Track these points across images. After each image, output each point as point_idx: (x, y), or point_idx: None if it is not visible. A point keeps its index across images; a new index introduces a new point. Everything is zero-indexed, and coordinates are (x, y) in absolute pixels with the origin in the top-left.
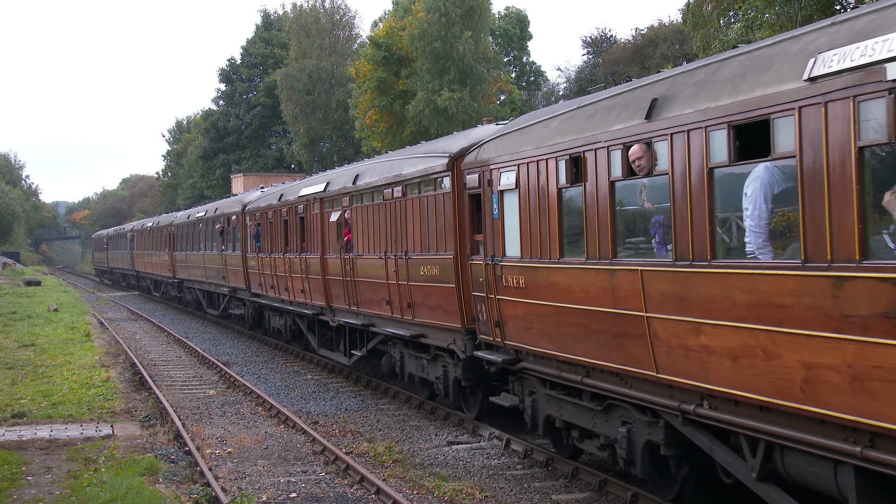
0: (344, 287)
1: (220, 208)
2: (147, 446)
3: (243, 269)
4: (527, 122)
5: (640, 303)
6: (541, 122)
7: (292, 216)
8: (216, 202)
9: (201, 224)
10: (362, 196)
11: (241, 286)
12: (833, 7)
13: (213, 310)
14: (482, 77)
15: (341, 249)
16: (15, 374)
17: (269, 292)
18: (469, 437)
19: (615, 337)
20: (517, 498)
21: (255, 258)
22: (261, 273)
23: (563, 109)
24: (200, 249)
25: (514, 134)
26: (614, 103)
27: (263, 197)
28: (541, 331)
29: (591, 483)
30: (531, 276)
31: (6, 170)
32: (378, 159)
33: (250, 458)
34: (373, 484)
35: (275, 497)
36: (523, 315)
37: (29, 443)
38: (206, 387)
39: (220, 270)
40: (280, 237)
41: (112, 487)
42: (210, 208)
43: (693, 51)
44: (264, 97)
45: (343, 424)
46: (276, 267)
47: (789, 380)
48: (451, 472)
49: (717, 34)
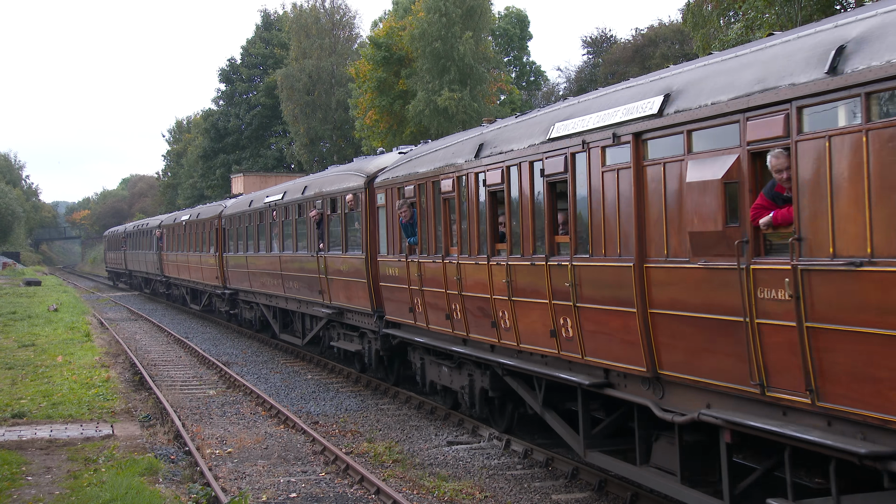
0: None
1: (317, 185)
2: (147, 446)
3: (368, 283)
4: (409, 158)
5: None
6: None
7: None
8: (301, 179)
9: (274, 213)
10: None
11: (362, 308)
12: (833, 7)
13: (293, 336)
14: (482, 77)
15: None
16: (15, 374)
17: (451, 328)
18: (469, 437)
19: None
20: (517, 498)
21: (399, 262)
22: (421, 291)
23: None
24: (272, 250)
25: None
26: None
27: (410, 160)
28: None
29: (591, 483)
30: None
31: (6, 170)
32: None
33: (250, 458)
34: (373, 484)
35: (275, 497)
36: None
37: (29, 443)
38: (206, 387)
39: (315, 281)
40: (469, 227)
41: (112, 487)
42: (295, 187)
43: (693, 51)
44: (264, 97)
45: (343, 424)
46: (470, 280)
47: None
48: (451, 472)
49: (717, 34)
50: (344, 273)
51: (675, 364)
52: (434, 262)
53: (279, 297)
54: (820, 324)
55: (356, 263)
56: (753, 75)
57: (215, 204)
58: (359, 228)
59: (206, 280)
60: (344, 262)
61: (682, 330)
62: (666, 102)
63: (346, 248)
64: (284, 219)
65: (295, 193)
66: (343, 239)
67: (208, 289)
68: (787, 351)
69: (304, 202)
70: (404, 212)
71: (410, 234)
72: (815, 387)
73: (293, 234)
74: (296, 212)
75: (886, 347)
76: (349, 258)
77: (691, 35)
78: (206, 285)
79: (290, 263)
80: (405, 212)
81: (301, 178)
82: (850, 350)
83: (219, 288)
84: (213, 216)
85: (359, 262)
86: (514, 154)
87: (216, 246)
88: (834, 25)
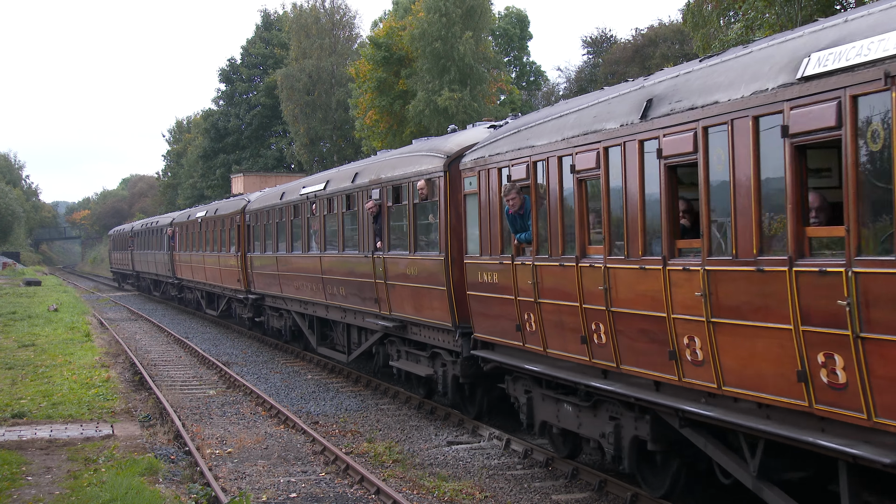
0: None
1: (373, 171)
2: (147, 446)
3: (448, 290)
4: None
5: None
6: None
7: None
8: (349, 165)
9: (314, 206)
10: None
11: (437, 322)
12: (833, 7)
13: (334, 350)
14: (482, 77)
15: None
16: (15, 374)
17: (588, 355)
18: (469, 437)
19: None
20: (517, 498)
21: (500, 266)
22: (536, 304)
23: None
24: (310, 250)
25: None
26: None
27: (516, 132)
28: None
29: (591, 483)
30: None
31: (6, 170)
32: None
33: (250, 458)
34: (373, 484)
35: (275, 497)
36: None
37: (29, 443)
38: (206, 387)
39: (370, 287)
40: (626, 217)
41: (112, 487)
42: (341, 175)
43: (693, 51)
44: (264, 97)
45: (343, 424)
46: (625, 291)
47: None
48: (451, 472)
49: (717, 34)
50: (411, 278)
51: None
52: (561, 265)
53: (318, 304)
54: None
55: (430, 267)
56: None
57: (237, 198)
58: (434, 223)
59: (226, 283)
60: (412, 265)
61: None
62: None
63: (415, 248)
64: (327, 213)
65: (342, 182)
66: (411, 236)
67: (227, 293)
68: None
69: (354, 192)
70: (513, 199)
71: (520, 229)
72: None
73: (339, 230)
74: (343, 204)
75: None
76: (420, 260)
77: (691, 35)
78: (225, 289)
79: (335, 265)
80: (514, 199)
81: (349, 165)
82: None
83: (240, 292)
84: (234, 212)
85: (434, 266)
86: (720, 108)
87: (237, 245)
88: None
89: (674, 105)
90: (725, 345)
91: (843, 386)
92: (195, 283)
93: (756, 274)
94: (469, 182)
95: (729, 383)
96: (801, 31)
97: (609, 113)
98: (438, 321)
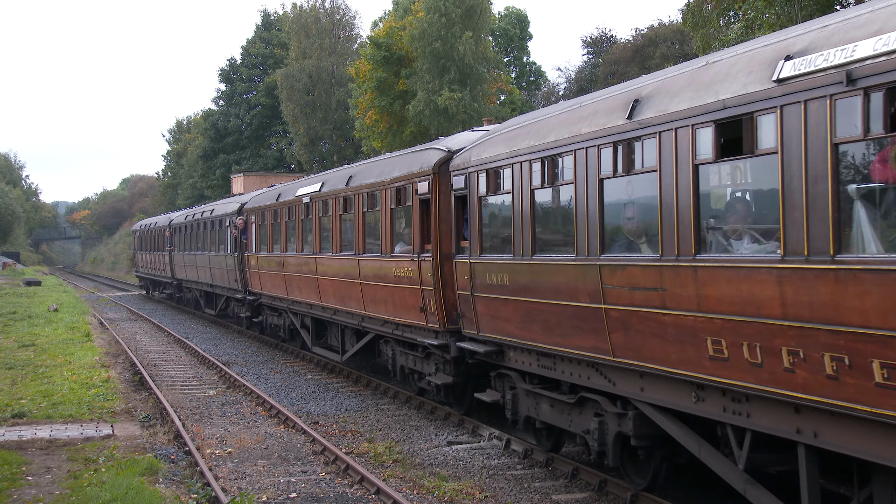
0: None
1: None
2: (147, 446)
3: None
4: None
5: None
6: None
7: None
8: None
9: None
10: None
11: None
12: (833, 7)
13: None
14: (482, 77)
15: None
16: (15, 374)
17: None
18: (469, 437)
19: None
20: (517, 498)
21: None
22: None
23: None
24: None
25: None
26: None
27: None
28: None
29: (591, 483)
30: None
31: (6, 170)
32: None
33: (250, 458)
34: (373, 484)
35: (275, 497)
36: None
37: (29, 443)
38: (206, 387)
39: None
40: None
41: (112, 487)
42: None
43: (693, 51)
44: (264, 97)
45: (343, 424)
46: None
47: None
48: (451, 472)
49: (717, 34)
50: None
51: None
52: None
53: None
54: None
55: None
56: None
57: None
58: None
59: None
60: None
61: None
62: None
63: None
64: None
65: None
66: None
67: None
68: None
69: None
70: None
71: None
72: None
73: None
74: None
75: None
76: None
77: (691, 35)
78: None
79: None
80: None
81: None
82: None
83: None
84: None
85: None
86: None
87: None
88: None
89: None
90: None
91: None
92: (298, 306)
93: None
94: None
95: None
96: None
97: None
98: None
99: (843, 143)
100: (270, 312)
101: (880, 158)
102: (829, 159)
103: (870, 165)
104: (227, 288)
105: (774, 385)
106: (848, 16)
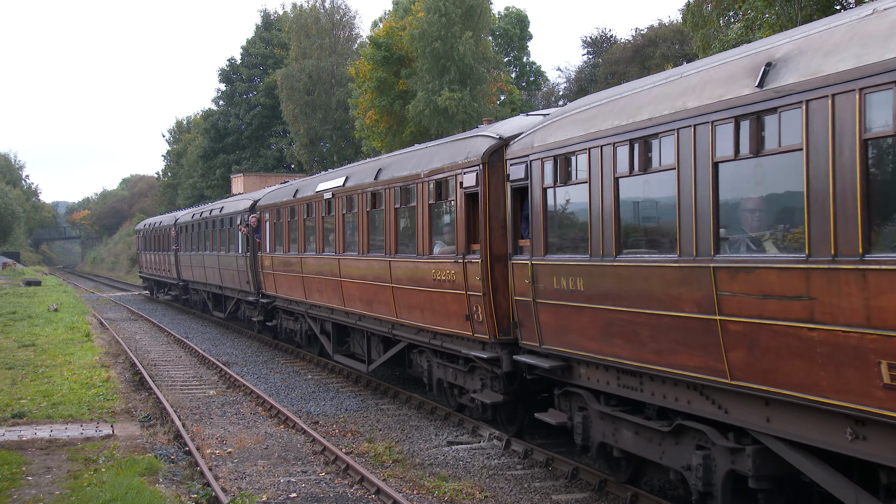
0: None
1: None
2: (147, 446)
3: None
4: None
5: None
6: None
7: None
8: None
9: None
10: None
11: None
12: (833, 7)
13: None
14: (482, 77)
15: None
16: (15, 374)
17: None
18: (469, 437)
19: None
20: (517, 498)
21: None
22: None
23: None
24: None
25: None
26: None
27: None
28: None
29: (591, 483)
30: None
31: (6, 170)
32: None
33: (250, 458)
34: (373, 484)
35: (275, 497)
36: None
37: (29, 443)
38: (206, 387)
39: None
40: None
41: (112, 487)
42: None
43: (693, 51)
44: (264, 97)
45: (343, 424)
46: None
47: None
48: (451, 472)
49: (717, 34)
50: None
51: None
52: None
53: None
54: None
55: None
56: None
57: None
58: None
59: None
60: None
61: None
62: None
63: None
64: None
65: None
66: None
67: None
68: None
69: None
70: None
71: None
72: None
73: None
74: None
75: None
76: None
77: (691, 35)
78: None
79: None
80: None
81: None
82: None
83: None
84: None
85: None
86: None
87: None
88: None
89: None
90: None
91: None
92: (319, 312)
93: None
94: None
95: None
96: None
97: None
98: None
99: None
100: (286, 316)
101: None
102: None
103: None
104: (237, 290)
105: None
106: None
